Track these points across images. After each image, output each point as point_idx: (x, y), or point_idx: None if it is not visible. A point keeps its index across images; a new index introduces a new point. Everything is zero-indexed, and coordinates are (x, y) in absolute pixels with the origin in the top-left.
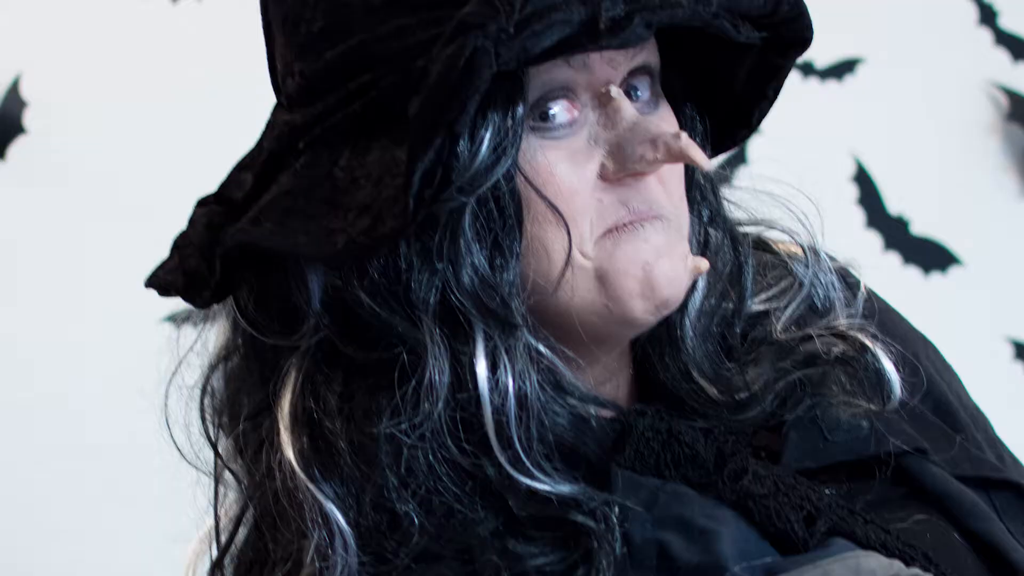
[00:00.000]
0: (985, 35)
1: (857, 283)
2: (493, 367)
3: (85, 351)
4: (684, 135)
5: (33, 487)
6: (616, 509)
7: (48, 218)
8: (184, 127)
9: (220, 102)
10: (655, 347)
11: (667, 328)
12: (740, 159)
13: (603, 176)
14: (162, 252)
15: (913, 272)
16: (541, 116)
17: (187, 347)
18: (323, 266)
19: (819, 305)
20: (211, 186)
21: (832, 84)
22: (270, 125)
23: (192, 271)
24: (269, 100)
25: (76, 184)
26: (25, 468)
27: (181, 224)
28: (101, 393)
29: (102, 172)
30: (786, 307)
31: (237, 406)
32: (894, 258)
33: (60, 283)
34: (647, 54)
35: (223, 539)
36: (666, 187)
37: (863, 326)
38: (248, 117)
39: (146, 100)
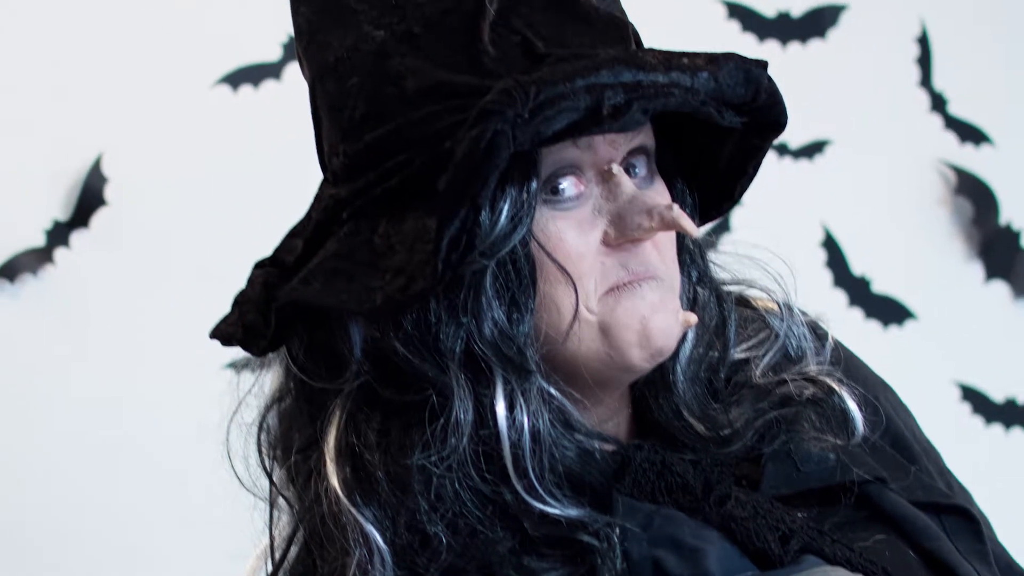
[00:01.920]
0: (936, 120)
1: (825, 334)
2: (511, 407)
3: (158, 394)
4: (676, 207)
5: (113, 512)
6: (617, 530)
7: (126, 278)
8: (243, 199)
9: (274, 177)
10: (651, 390)
11: (661, 373)
12: (724, 227)
13: (606, 242)
14: (224, 308)
15: (874, 325)
16: (552, 190)
17: (246, 390)
18: (364, 320)
19: (792, 354)
20: (266, 250)
21: (804, 162)
22: (318, 198)
23: (250, 324)
24: (316, 176)
25: (150, 249)
26: (107, 495)
27: (241, 284)
28: (173, 430)
29: (172, 239)
30: (764, 355)
31: (289, 441)
32: (857, 313)
33: (137, 334)
34: (644, 136)
35: (277, 556)
36: (660, 251)
37: (831, 372)
38: (298, 191)
39: (211, 176)
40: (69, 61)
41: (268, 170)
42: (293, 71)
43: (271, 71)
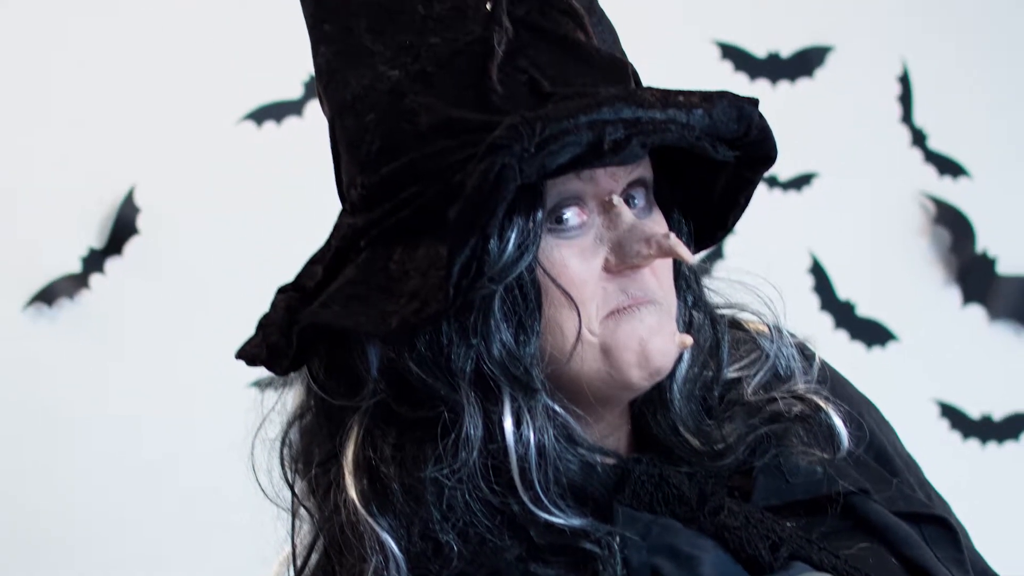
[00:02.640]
0: (916, 154)
1: (813, 355)
2: (518, 423)
3: (187, 411)
4: (672, 235)
5: (145, 522)
6: (617, 539)
7: (157, 302)
8: (266, 228)
9: (295, 208)
10: (649, 407)
11: (659, 392)
12: (718, 254)
13: (607, 268)
14: (249, 330)
15: (858, 346)
16: (556, 220)
17: (269, 407)
18: (380, 341)
19: (782, 373)
20: (288, 276)
21: (792, 194)
22: (336, 227)
23: (273, 345)
24: (335, 206)
25: (179, 275)
26: (139, 506)
27: (264, 307)
28: (201, 445)
29: (200, 265)
30: (755, 375)
31: (310, 455)
32: (842, 335)
33: (167, 355)
34: (643, 169)
35: (298, 563)
36: (658, 277)
37: (817, 390)
38: (318, 220)
39: (236, 207)
40: (104, 99)
41: (289, 201)
42: (314, 108)
43: (293, 108)
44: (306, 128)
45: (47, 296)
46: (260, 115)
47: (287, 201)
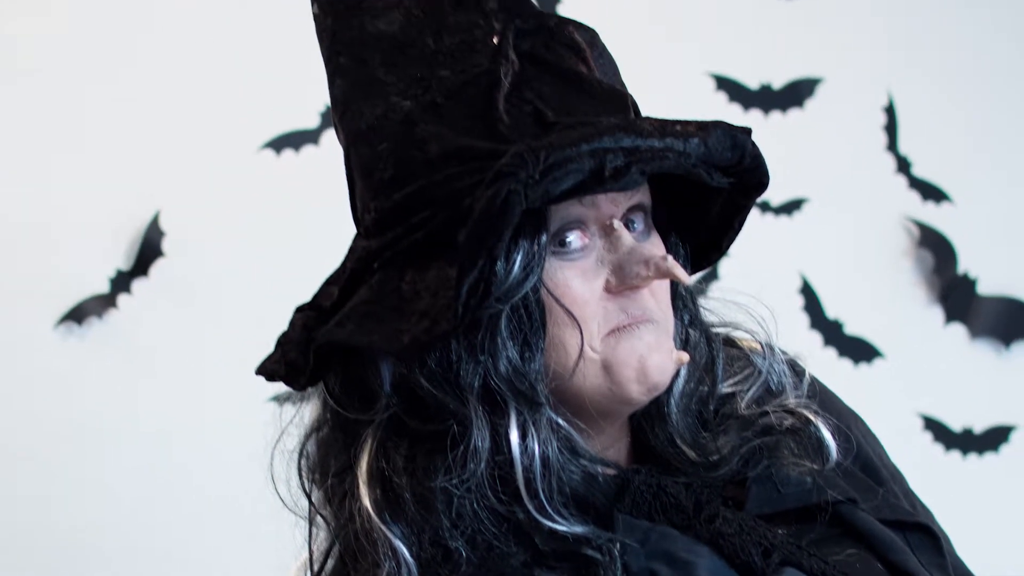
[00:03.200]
0: (901, 180)
1: (803, 371)
2: (523, 436)
3: (210, 424)
4: (670, 257)
5: (171, 530)
6: (618, 545)
7: (181, 321)
8: (284, 250)
9: (312, 231)
10: (647, 420)
11: (657, 406)
12: (713, 276)
13: (607, 289)
14: (268, 348)
15: (846, 363)
16: (560, 243)
17: (288, 420)
18: (392, 358)
19: (774, 388)
20: (306, 296)
21: (784, 218)
22: (351, 250)
23: (291, 362)
24: (350, 230)
25: (202, 295)
26: (165, 515)
27: (283, 326)
28: (223, 456)
29: (222, 285)
30: (748, 390)
31: (326, 466)
32: (831, 352)
33: (191, 371)
34: (642, 195)
35: (315, 568)
36: (656, 297)
37: (808, 404)
38: (334, 243)
39: (255, 230)
40: (130, 129)
41: (306, 225)
42: (330, 137)
43: (310, 137)
44: (322, 156)
45: (77, 315)
46: (279, 143)
47: (304, 225)
